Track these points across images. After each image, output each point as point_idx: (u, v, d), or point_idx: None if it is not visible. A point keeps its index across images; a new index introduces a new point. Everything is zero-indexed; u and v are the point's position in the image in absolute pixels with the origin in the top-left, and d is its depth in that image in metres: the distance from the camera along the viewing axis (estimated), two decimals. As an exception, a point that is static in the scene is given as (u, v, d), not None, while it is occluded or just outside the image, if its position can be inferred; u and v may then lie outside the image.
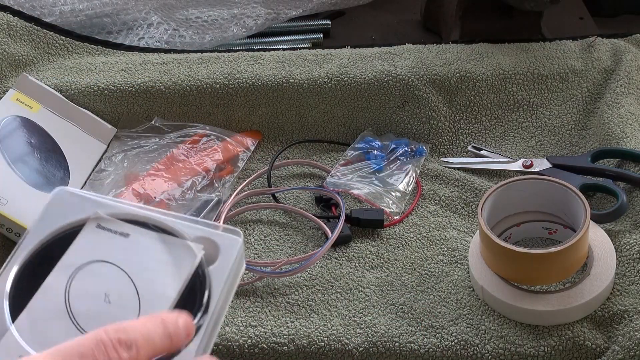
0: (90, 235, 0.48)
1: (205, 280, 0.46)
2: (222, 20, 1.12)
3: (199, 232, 0.48)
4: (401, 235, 0.85)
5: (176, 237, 0.48)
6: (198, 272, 0.47)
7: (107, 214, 0.48)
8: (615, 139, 0.89)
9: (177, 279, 0.46)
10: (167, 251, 0.47)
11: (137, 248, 0.47)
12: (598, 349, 0.72)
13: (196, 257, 0.47)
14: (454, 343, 0.73)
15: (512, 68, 0.97)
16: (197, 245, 0.47)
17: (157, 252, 0.47)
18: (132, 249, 0.47)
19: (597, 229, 0.79)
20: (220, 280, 0.46)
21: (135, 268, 0.46)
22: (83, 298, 0.45)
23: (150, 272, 0.46)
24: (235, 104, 0.98)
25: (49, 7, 1.08)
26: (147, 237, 0.48)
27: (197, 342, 0.44)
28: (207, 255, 0.48)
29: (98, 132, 0.96)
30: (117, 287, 0.45)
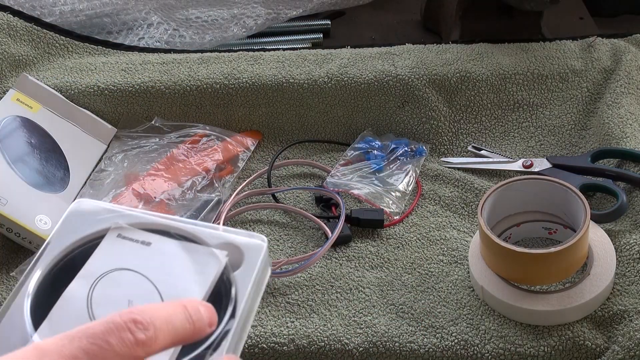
0: (112, 245, 0.47)
1: (231, 286, 0.46)
2: (222, 20, 1.12)
3: (222, 239, 0.48)
4: (401, 235, 0.85)
5: (199, 244, 0.47)
6: (222, 278, 0.46)
7: (128, 223, 0.48)
8: (615, 139, 0.89)
9: (201, 286, 0.45)
10: (190, 258, 0.46)
11: (160, 256, 0.46)
12: (598, 349, 0.72)
13: (220, 263, 0.46)
14: (454, 343, 0.73)
15: (512, 68, 0.97)
16: (220, 252, 0.47)
17: (180, 260, 0.46)
18: (154, 257, 0.46)
19: (597, 229, 0.79)
20: (245, 285, 0.46)
21: (158, 275, 0.45)
22: (106, 305, 0.44)
23: (173, 278, 0.45)
24: (235, 104, 0.98)
25: (49, 7, 1.08)
26: (170, 245, 0.47)
27: (226, 346, 0.43)
28: (232, 261, 0.47)
29: (98, 132, 0.96)
30: (141, 293, 0.44)
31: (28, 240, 0.84)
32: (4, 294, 0.81)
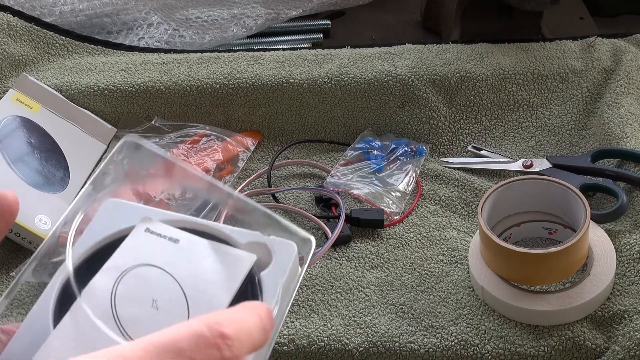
0: (139, 239, 0.46)
1: (257, 287, 0.44)
2: (222, 20, 1.12)
3: (250, 238, 0.46)
4: (401, 235, 0.85)
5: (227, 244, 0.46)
6: (250, 278, 0.44)
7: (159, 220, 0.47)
8: (615, 139, 0.89)
9: (228, 287, 0.43)
10: (218, 258, 0.45)
11: (187, 254, 0.45)
12: (598, 349, 0.72)
13: (248, 264, 0.45)
14: (454, 343, 0.73)
15: (512, 68, 0.97)
16: (249, 255, 0.45)
17: (207, 259, 0.45)
18: (181, 254, 0.45)
19: (597, 229, 0.79)
20: (273, 286, 0.44)
21: (184, 274, 0.44)
22: (130, 302, 0.42)
23: (200, 278, 0.44)
24: (235, 104, 0.98)
25: (49, 7, 1.08)
26: (198, 243, 0.46)
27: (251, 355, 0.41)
28: (261, 262, 0.45)
29: (98, 132, 0.96)
30: (166, 292, 0.43)
31: (28, 240, 0.84)
32: (4, 294, 0.81)
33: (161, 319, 0.42)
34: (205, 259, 0.45)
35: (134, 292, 0.43)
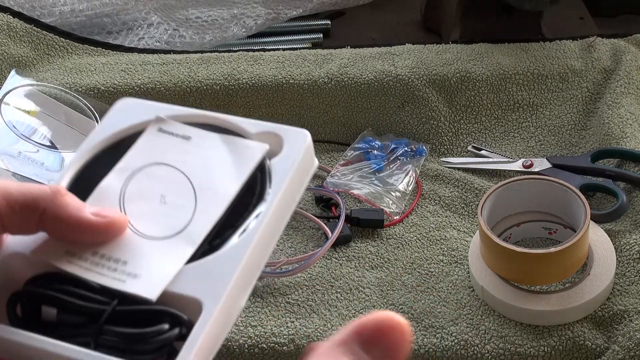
0: (151, 139, 0.45)
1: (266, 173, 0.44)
2: (222, 20, 1.12)
3: (261, 128, 0.46)
4: (401, 235, 0.85)
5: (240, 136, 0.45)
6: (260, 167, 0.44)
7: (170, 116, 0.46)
8: (615, 139, 0.89)
9: (237, 177, 0.43)
10: (229, 150, 0.45)
11: (198, 150, 0.45)
12: (598, 349, 0.72)
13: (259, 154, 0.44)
14: (454, 343, 0.73)
15: (512, 68, 0.97)
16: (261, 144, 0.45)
17: (218, 153, 0.45)
18: (193, 151, 0.45)
19: (597, 229, 0.79)
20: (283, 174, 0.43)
21: (194, 170, 0.44)
22: (138, 200, 0.43)
23: (210, 172, 0.44)
24: (235, 105, 0.98)
25: (48, 7, 1.08)
26: (209, 139, 0.45)
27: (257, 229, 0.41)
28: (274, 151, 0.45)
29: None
30: (174, 188, 0.43)
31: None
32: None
33: (167, 211, 0.42)
34: (216, 152, 0.45)
35: (143, 189, 0.43)
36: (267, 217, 0.41)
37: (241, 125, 0.46)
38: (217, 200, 0.42)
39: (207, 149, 0.45)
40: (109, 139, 0.46)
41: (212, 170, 0.44)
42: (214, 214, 0.42)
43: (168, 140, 0.45)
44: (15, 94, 0.95)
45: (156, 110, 0.47)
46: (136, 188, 0.43)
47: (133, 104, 0.49)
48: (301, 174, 0.45)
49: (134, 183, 0.44)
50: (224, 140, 0.45)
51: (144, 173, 0.44)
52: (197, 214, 0.42)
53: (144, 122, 0.47)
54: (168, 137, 0.46)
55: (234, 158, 0.44)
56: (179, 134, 0.46)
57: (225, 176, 0.44)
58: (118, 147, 0.46)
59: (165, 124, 0.46)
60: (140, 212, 0.42)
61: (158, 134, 0.46)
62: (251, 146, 0.45)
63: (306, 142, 0.45)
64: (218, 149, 0.45)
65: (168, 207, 0.43)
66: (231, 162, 0.44)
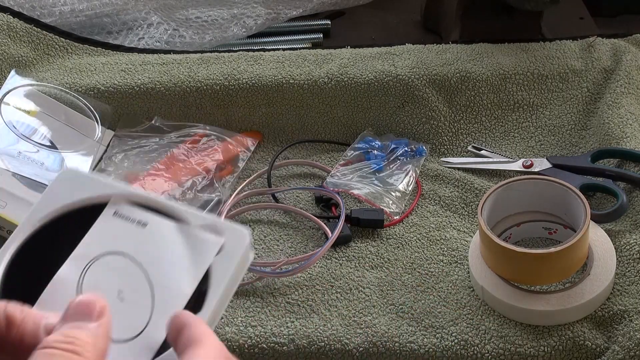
0: (107, 224, 0.45)
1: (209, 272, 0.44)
2: (222, 20, 1.12)
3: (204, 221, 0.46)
4: (401, 235, 0.85)
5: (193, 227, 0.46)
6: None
7: (125, 199, 0.46)
8: (615, 139, 0.89)
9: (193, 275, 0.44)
10: (186, 243, 0.45)
11: (155, 239, 0.45)
12: (598, 349, 0.72)
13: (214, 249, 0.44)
14: (454, 343, 0.73)
15: (512, 68, 0.97)
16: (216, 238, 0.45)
17: (175, 244, 0.45)
18: (149, 239, 0.45)
19: (597, 229, 0.79)
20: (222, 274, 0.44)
21: (151, 262, 0.44)
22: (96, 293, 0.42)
23: (166, 266, 0.44)
24: (235, 105, 0.98)
25: (48, 7, 1.08)
26: (166, 227, 0.45)
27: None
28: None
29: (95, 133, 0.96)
30: (131, 282, 0.43)
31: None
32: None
33: (126, 310, 0.42)
34: (172, 244, 0.45)
35: (100, 282, 0.43)
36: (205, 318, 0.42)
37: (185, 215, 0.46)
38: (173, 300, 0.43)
39: (164, 239, 0.45)
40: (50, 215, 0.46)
41: (168, 265, 0.44)
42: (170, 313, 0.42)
43: (124, 226, 0.45)
44: (15, 94, 0.95)
45: (100, 187, 0.47)
46: (93, 281, 0.43)
47: (76, 177, 0.48)
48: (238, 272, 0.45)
49: (91, 275, 0.43)
50: (180, 229, 0.45)
51: (101, 263, 0.44)
52: (154, 315, 0.42)
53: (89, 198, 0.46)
54: (124, 223, 0.45)
55: (190, 252, 0.44)
56: (135, 219, 0.45)
57: (182, 272, 0.44)
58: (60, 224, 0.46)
59: (121, 207, 0.46)
60: None
61: (114, 219, 0.46)
62: (207, 240, 0.45)
63: (245, 243, 0.45)
64: (174, 240, 0.45)
65: (126, 304, 0.43)
66: (187, 256, 0.44)
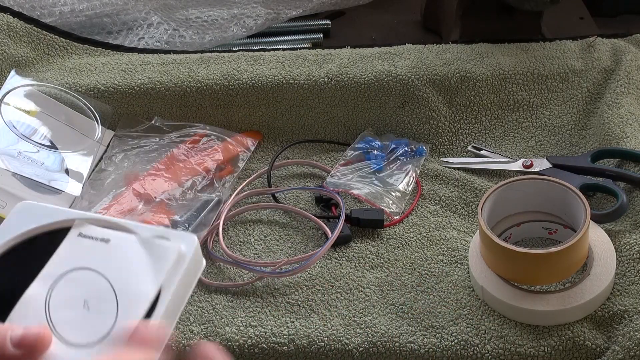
0: (72, 244, 0.48)
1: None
2: (222, 20, 1.12)
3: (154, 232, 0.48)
4: (401, 235, 0.85)
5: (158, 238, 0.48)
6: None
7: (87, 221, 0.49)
8: (615, 139, 0.89)
9: (154, 279, 0.46)
10: (146, 252, 0.47)
11: (118, 252, 0.47)
12: (598, 349, 0.72)
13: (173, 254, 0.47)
14: (454, 343, 0.73)
15: (512, 68, 0.97)
16: (174, 244, 0.47)
17: (136, 254, 0.47)
18: (112, 253, 0.47)
19: (597, 229, 0.79)
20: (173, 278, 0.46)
21: (115, 273, 0.46)
22: (63, 307, 0.45)
23: (129, 274, 0.46)
24: (235, 105, 0.98)
25: (48, 7, 1.08)
26: (127, 241, 0.48)
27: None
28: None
29: (95, 133, 0.96)
30: (96, 292, 0.45)
31: (28, 241, 0.84)
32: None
33: (92, 317, 0.45)
34: (133, 254, 0.47)
35: (67, 296, 0.45)
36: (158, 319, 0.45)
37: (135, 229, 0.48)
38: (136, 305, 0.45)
39: (126, 251, 0.47)
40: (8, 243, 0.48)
41: (131, 274, 0.46)
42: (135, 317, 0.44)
43: (88, 244, 0.48)
44: (15, 94, 0.95)
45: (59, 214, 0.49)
46: (60, 295, 0.45)
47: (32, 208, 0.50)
48: (190, 275, 0.47)
49: (58, 290, 0.46)
50: (141, 241, 0.48)
51: (67, 279, 0.46)
52: (119, 320, 0.44)
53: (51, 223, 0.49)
54: (88, 241, 0.48)
55: (151, 260, 0.47)
56: (98, 237, 0.48)
57: (143, 279, 0.46)
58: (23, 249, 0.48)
59: (85, 228, 0.48)
60: (65, 319, 0.44)
61: (78, 239, 0.48)
62: (166, 247, 0.47)
63: (194, 246, 0.48)
64: (135, 251, 0.47)
65: (91, 312, 0.45)
66: (148, 264, 0.47)
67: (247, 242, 0.85)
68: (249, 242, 0.85)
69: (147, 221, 0.84)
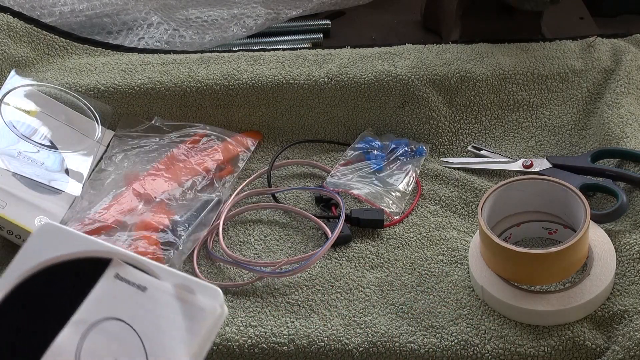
0: (108, 287, 0.46)
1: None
2: (222, 20, 1.12)
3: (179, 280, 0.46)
4: (401, 235, 0.85)
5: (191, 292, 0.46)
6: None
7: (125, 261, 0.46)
8: (615, 139, 0.89)
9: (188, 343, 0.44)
10: (183, 311, 0.45)
11: (153, 306, 0.45)
12: (598, 349, 0.72)
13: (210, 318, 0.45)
14: (454, 343, 0.73)
15: (512, 68, 0.97)
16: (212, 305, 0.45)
17: (172, 312, 0.45)
18: (147, 305, 0.45)
19: (597, 229, 0.79)
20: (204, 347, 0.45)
21: (148, 330, 0.44)
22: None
23: (163, 334, 0.44)
24: (235, 105, 0.98)
25: (48, 7, 1.08)
26: (164, 292, 0.46)
27: None
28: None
29: (95, 133, 0.96)
30: (128, 351, 0.44)
31: (28, 241, 0.84)
32: (4, 295, 0.81)
33: None
34: (170, 311, 0.45)
35: (97, 350, 0.43)
36: None
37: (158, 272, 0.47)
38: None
39: (162, 306, 0.45)
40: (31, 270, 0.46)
41: (164, 334, 0.44)
42: None
43: (124, 290, 0.46)
44: (15, 94, 0.95)
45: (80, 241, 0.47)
46: (91, 347, 0.44)
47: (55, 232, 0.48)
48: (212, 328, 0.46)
49: (90, 341, 0.44)
50: (178, 296, 0.46)
51: (100, 329, 0.44)
52: None
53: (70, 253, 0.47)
54: (124, 286, 0.46)
55: (187, 321, 0.45)
56: (135, 283, 0.46)
57: (177, 342, 0.44)
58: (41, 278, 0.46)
59: (122, 269, 0.46)
60: None
61: (115, 282, 0.46)
62: (204, 308, 0.45)
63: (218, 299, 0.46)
64: (172, 307, 0.45)
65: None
66: (184, 324, 0.45)
67: (247, 242, 0.85)
68: (249, 242, 0.85)
69: (147, 221, 0.84)
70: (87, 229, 0.83)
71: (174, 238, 0.83)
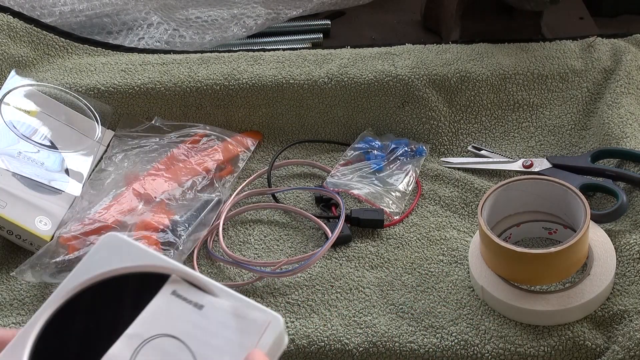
0: (164, 303, 0.45)
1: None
2: (222, 20, 1.12)
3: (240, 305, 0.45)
4: (401, 235, 0.85)
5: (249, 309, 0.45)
6: None
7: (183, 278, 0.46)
8: (615, 139, 0.89)
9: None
10: (238, 328, 0.44)
11: (209, 324, 0.44)
12: (598, 349, 0.72)
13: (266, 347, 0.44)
14: (454, 343, 0.73)
15: (512, 68, 0.97)
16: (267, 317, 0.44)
17: (227, 329, 0.44)
18: (202, 324, 0.44)
19: (597, 229, 0.79)
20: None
21: (202, 350, 0.43)
22: None
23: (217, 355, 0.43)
24: (235, 105, 0.98)
25: (48, 7, 1.08)
26: (221, 311, 0.45)
27: None
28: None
29: (95, 133, 0.96)
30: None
31: (29, 242, 0.84)
32: (4, 294, 0.81)
33: None
34: (225, 329, 0.44)
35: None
36: None
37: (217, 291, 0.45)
38: None
39: (217, 325, 0.44)
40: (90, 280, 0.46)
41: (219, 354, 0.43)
42: None
43: (180, 307, 0.45)
44: (15, 94, 0.95)
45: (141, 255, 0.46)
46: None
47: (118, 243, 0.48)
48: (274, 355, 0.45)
49: (142, 356, 0.43)
50: (235, 313, 0.45)
51: (153, 345, 0.43)
52: None
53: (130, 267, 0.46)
54: (181, 303, 0.45)
55: (244, 345, 0.44)
56: (192, 300, 0.45)
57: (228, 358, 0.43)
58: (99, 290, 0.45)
59: (180, 286, 0.46)
60: None
61: (171, 298, 0.45)
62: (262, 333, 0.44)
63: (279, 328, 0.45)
64: (229, 327, 0.44)
65: None
66: (240, 348, 0.44)
67: (247, 242, 0.85)
68: (249, 242, 0.85)
69: (147, 221, 0.84)
70: (87, 229, 0.83)
71: (174, 238, 0.83)
